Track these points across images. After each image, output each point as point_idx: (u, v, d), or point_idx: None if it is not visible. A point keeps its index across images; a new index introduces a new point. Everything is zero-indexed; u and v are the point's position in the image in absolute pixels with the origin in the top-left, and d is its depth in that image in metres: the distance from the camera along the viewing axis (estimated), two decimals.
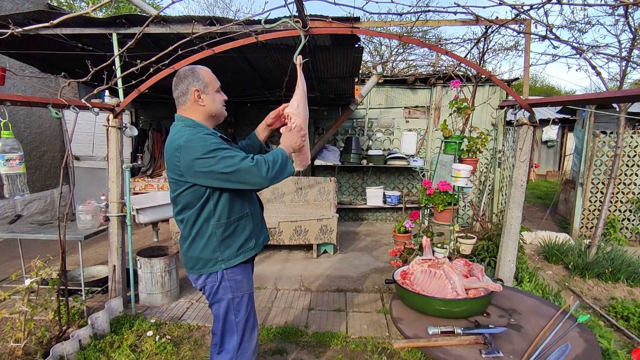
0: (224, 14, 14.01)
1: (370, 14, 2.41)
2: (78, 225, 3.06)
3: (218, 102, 1.65)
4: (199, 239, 1.58)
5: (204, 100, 1.60)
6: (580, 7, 3.77)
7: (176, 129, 1.56)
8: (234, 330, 1.64)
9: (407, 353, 2.53)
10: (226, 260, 1.59)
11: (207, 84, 1.60)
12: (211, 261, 1.59)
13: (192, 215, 1.57)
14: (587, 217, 5.56)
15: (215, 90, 1.64)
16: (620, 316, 3.23)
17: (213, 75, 1.65)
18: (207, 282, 1.62)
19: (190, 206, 1.56)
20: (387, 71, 8.07)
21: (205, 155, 1.42)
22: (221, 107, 1.67)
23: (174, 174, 1.53)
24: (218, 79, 1.69)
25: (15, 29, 2.24)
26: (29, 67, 4.27)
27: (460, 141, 2.76)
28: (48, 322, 2.67)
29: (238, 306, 1.63)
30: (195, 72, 1.58)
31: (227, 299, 1.62)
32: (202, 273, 1.61)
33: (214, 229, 1.57)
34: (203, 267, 1.60)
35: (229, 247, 1.60)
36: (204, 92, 1.59)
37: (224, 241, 1.59)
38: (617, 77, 4.07)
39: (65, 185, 5.96)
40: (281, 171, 1.53)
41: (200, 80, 1.58)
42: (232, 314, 1.63)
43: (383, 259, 4.44)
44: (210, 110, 1.63)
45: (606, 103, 4.86)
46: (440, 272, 1.62)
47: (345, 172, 6.50)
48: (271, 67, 3.86)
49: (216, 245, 1.58)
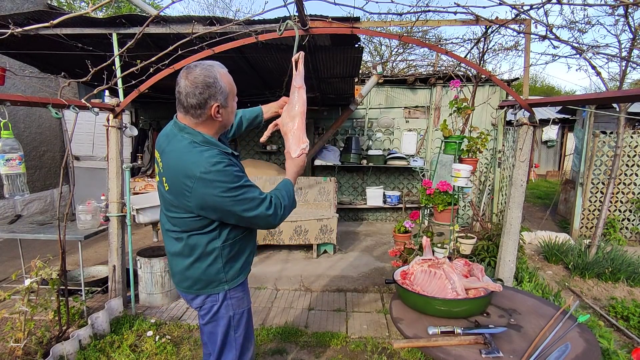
0: (224, 14, 14.01)
1: (370, 14, 2.41)
2: (78, 225, 3.06)
3: (232, 113, 1.46)
4: (203, 259, 1.44)
5: (222, 115, 1.38)
6: (580, 7, 3.77)
7: (183, 145, 1.33)
8: (232, 346, 1.57)
9: (407, 353, 2.53)
10: (230, 281, 1.49)
11: (228, 95, 1.37)
12: (214, 282, 1.47)
13: (194, 237, 1.42)
14: (587, 217, 5.56)
15: (233, 99, 1.44)
16: (620, 316, 3.22)
17: (230, 77, 1.42)
18: (205, 302, 1.50)
19: (191, 230, 1.41)
20: (387, 71, 8.07)
21: (224, 194, 1.27)
22: (232, 119, 1.50)
23: (178, 200, 1.35)
24: None
25: (15, 29, 2.24)
26: (29, 67, 4.27)
27: (460, 141, 2.76)
28: (48, 322, 2.67)
29: (238, 322, 1.56)
30: (217, 83, 1.32)
31: (228, 316, 1.52)
32: (205, 293, 1.49)
33: (220, 251, 1.44)
34: (204, 288, 1.48)
35: (233, 267, 1.50)
36: (224, 107, 1.36)
37: (229, 262, 1.48)
38: (617, 77, 4.08)
39: (65, 185, 5.96)
40: (290, 210, 1.49)
41: (223, 92, 1.34)
42: (232, 330, 1.55)
43: (383, 259, 4.44)
44: (226, 123, 1.44)
45: (606, 103, 4.86)
46: (440, 272, 1.62)
47: (345, 172, 6.50)
48: (271, 67, 3.86)
49: (221, 266, 1.46)
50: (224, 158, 1.32)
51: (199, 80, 1.29)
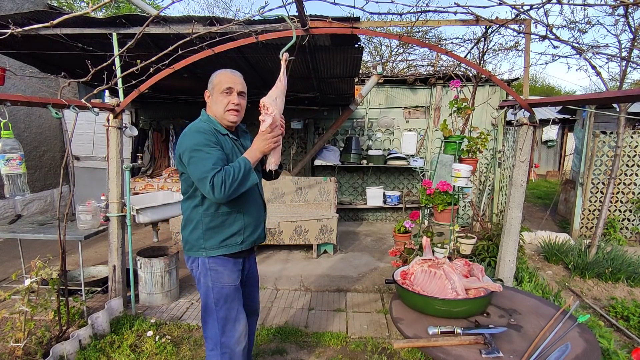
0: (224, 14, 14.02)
1: (370, 14, 2.41)
2: (78, 225, 3.06)
3: (220, 104, 1.70)
4: (189, 223, 1.71)
5: (210, 101, 1.75)
6: (580, 7, 3.77)
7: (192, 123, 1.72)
8: (213, 318, 1.72)
9: (407, 353, 2.53)
10: (208, 249, 1.68)
11: (214, 86, 1.71)
12: (195, 247, 1.70)
13: (186, 201, 1.73)
14: (587, 217, 5.56)
15: (221, 92, 1.70)
16: (620, 316, 3.22)
17: (229, 77, 1.72)
18: (193, 267, 1.75)
19: (185, 192, 1.73)
20: (387, 71, 8.07)
21: (186, 151, 1.58)
22: (222, 111, 1.71)
23: (176, 157, 1.69)
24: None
25: (15, 29, 2.24)
26: (29, 67, 4.27)
27: (460, 141, 2.75)
28: (48, 322, 2.67)
29: (218, 295, 1.70)
30: (213, 76, 1.73)
31: (208, 286, 1.71)
32: (189, 255, 1.75)
33: (201, 217, 1.67)
34: (189, 250, 1.73)
35: (212, 237, 1.68)
36: (211, 94, 1.73)
37: (209, 231, 1.68)
38: (617, 77, 4.08)
39: (65, 185, 5.96)
40: (240, 185, 1.57)
41: (211, 82, 1.73)
42: (212, 301, 1.71)
43: (383, 259, 4.44)
44: (214, 112, 1.73)
45: (606, 103, 4.86)
46: (440, 272, 1.62)
47: (345, 172, 6.50)
48: (271, 67, 3.86)
49: (201, 233, 1.68)
50: (205, 127, 1.64)
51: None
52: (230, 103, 1.69)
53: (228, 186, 1.52)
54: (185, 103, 6.10)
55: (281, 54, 1.88)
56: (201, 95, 1.83)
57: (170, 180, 5.82)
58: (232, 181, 1.53)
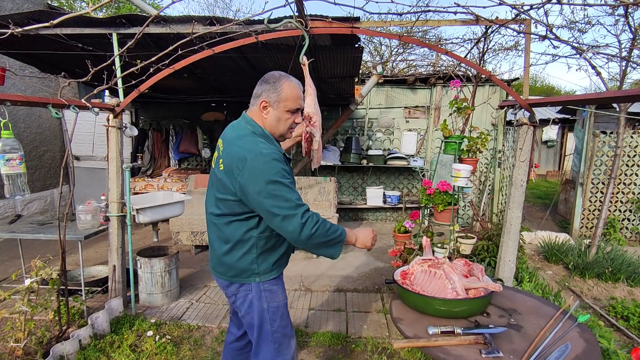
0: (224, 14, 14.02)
1: (370, 14, 2.41)
2: (78, 225, 3.06)
3: (283, 122, 1.53)
4: (239, 247, 1.52)
5: (268, 114, 1.51)
6: (580, 7, 3.77)
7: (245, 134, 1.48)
8: (269, 340, 1.59)
9: (407, 353, 2.53)
10: (261, 274, 1.55)
11: (282, 100, 1.49)
12: (246, 272, 1.53)
13: (235, 222, 1.50)
14: (587, 217, 5.56)
15: (287, 110, 1.51)
16: (620, 316, 3.22)
17: (299, 94, 1.53)
18: (239, 291, 1.57)
19: (234, 214, 1.49)
20: (387, 71, 8.07)
21: (263, 184, 1.35)
22: (284, 130, 1.54)
23: (229, 179, 1.44)
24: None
25: (15, 29, 2.24)
26: (29, 67, 4.27)
27: (460, 141, 2.75)
28: (48, 322, 2.67)
29: (273, 316, 1.58)
30: (276, 84, 1.49)
31: (262, 308, 1.56)
32: (236, 282, 1.56)
33: (256, 241, 1.51)
34: (236, 276, 1.55)
35: (265, 260, 1.55)
36: (273, 107, 1.50)
37: (263, 254, 1.54)
38: (617, 77, 4.07)
39: (65, 185, 5.97)
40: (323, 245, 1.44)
41: (276, 91, 1.48)
42: (268, 324, 1.58)
43: (383, 259, 4.44)
44: (271, 127, 1.53)
45: (606, 103, 4.87)
46: (440, 272, 1.62)
47: (345, 172, 6.50)
48: (271, 67, 3.86)
49: (254, 257, 1.52)
50: (276, 153, 1.41)
51: (268, 75, 1.53)
52: (294, 123, 1.56)
53: (317, 234, 1.38)
54: (185, 103, 6.10)
55: (300, 58, 1.82)
56: (201, 95, 1.81)
57: (170, 180, 5.82)
58: (322, 233, 1.40)
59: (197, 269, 4.10)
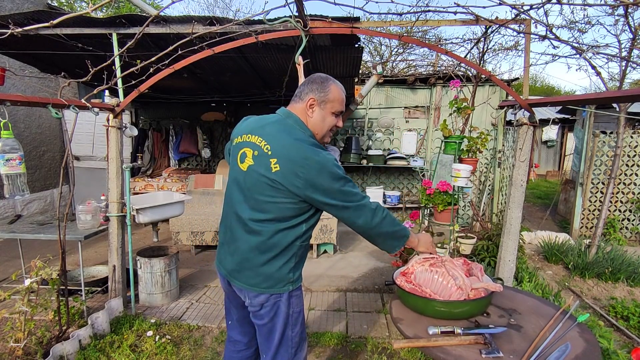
0: (224, 14, 14.02)
1: (370, 14, 2.41)
2: (78, 225, 3.06)
3: (327, 123, 1.53)
4: (282, 255, 1.46)
5: (314, 113, 1.50)
6: (580, 7, 3.77)
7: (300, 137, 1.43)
8: (288, 345, 1.57)
9: (407, 353, 2.53)
10: (295, 282, 1.53)
11: (329, 101, 1.50)
12: (282, 282, 1.49)
13: (285, 230, 1.45)
14: (587, 217, 5.56)
15: (333, 111, 1.52)
16: (620, 316, 3.22)
17: (343, 97, 1.55)
18: (268, 300, 1.50)
19: (282, 220, 1.44)
20: (387, 71, 8.08)
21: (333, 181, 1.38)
22: (326, 131, 1.55)
23: (286, 180, 1.38)
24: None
25: (15, 29, 2.24)
26: (29, 67, 4.27)
27: (460, 141, 2.76)
28: (48, 322, 2.67)
29: (295, 321, 1.57)
30: (324, 84, 1.50)
31: (287, 314, 1.53)
32: (269, 292, 1.49)
33: (297, 249, 1.50)
34: (272, 287, 1.49)
35: (298, 269, 1.55)
36: (319, 105, 1.50)
37: (299, 262, 1.54)
38: (617, 77, 4.08)
39: (65, 185, 5.96)
40: (391, 236, 1.50)
41: (324, 91, 1.49)
42: (290, 329, 1.55)
43: (383, 259, 4.44)
44: (314, 127, 1.52)
45: (606, 103, 4.86)
46: (442, 270, 1.61)
47: (345, 172, 6.49)
48: (271, 67, 3.86)
49: (293, 266, 1.50)
50: (331, 155, 1.44)
51: (315, 76, 1.53)
52: (335, 127, 1.57)
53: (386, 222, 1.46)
54: (185, 103, 6.10)
55: (296, 58, 1.83)
56: (201, 95, 1.80)
57: (170, 180, 5.82)
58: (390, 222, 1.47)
59: (197, 269, 4.10)
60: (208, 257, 4.50)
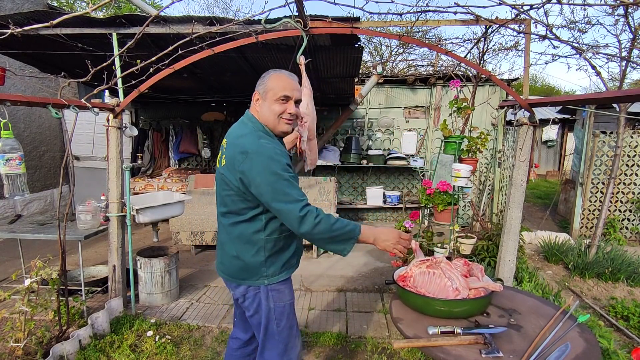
0: (224, 14, 14.02)
1: (370, 14, 2.41)
2: (78, 225, 3.06)
3: (273, 112, 1.51)
4: (248, 249, 1.51)
5: (260, 106, 1.54)
6: (580, 7, 3.77)
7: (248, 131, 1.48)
8: (275, 340, 1.59)
9: (407, 353, 2.53)
10: (270, 277, 1.54)
11: (267, 90, 1.51)
12: (256, 275, 1.53)
13: (239, 224, 1.51)
14: (587, 217, 5.56)
15: (276, 99, 1.50)
16: (620, 316, 3.22)
17: (286, 82, 1.52)
18: (248, 291, 1.56)
19: (237, 212, 1.50)
20: (387, 71, 8.08)
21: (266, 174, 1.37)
22: (275, 119, 1.51)
23: (230, 173, 1.45)
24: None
25: (15, 29, 2.24)
26: (29, 67, 4.27)
27: (460, 141, 2.76)
28: (48, 322, 2.67)
29: (280, 316, 1.58)
30: (264, 76, 1.55)
31: (269, 307, 1.56)
32: (244, 284, 1.56)
33: (264, 243, 1.51)
34: (246, 279, 1.55)
35: (274, 263, 1.55)
36: (262, 98, 1.53)
37: (271, 257, 1.53)
38: (617, 77, 4.08)
39: (65, 185, 5.96)
40: (331, 241, 1.43)
41: (263, 84, 1.53)
42: (274, 323, 1.58)
43: (383, 259, 4.44)
44: (265, 119, 1.53)
45: (606, 103, 4.86)
46: (439, 271, 1.61)
47: (345, 172, 6.50)
48: (271, 67, 3.81)
49: (263, 260, 1.52)
50: (277, 148, 1.45)
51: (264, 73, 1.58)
52: (286, 113, 1.52)
53: (317, 230, 1.37)
54: (185, 103, 6.10)
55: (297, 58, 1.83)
56: (201, 95, 1.81)
57: (170, 180, 5.82)
58: (325, 229, 1.39)
59: (197, 269, 4.10)
60: (208, 257, 4.51)
